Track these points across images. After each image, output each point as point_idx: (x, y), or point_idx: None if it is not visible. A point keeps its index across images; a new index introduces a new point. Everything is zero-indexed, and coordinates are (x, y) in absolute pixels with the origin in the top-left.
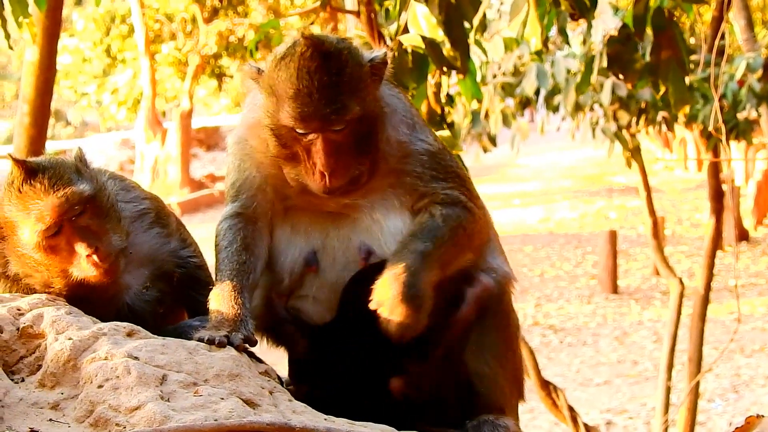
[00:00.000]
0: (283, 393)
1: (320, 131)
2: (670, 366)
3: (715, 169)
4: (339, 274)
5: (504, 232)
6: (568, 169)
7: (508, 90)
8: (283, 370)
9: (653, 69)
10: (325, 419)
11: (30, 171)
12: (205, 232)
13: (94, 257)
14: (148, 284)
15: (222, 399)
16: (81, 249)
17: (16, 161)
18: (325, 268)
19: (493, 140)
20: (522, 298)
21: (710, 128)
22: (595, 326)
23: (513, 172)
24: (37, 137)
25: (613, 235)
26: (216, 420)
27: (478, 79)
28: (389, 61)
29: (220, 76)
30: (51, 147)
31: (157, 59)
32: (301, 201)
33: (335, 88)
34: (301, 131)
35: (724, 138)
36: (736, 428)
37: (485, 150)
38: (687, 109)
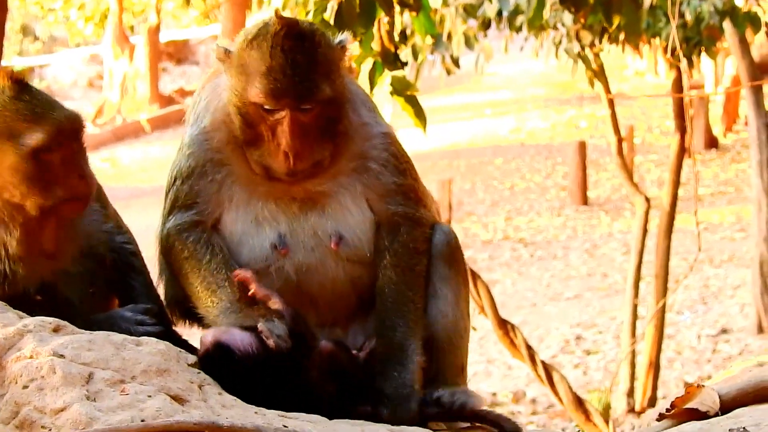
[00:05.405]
0: (213, 386)
1: (290, 108)
2: (637, 283)
3: (678, 86)
4: (308, 255)
5: (475, 144)
6: (540, 76)
7: (470, 11)
8: None
9: (606, 3)
10: (255, 413)
11: (23, 82)
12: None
13: (87, 180)
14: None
15: (149, 397)
16: (77, 169)
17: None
18: (295, 251)
19: (456, 62)
20: (492, 212)
21: (669, 52)
22: (565, 239)
23: (484, 80)
24: None
25: (582, 146)
26: (143, 420)
27: (440, 1)
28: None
29: None
30: (20, 63)
31: None
32: (267, 189)
33: (308, 67)
34: (270, 107)
35: (683, 63)
36: (677, 398)
37: (448, 72)
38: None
